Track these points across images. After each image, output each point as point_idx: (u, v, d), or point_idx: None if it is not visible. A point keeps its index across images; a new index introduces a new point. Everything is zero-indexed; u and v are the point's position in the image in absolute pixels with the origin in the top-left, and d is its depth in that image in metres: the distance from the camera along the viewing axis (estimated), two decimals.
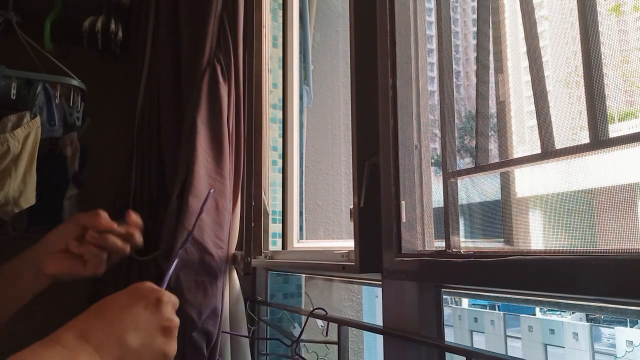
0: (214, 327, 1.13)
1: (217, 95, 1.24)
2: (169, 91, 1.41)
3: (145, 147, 1.49)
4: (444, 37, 0.83)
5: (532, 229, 0.80)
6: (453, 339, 7.82)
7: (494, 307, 10.20)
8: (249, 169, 1.33)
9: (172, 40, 1.42)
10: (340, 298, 1.72)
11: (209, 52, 1.26)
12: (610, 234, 0.58)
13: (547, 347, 9.33)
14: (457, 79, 0.86)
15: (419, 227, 0.86)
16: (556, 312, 9.05)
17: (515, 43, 0.78)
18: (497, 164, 0.75)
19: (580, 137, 0.63)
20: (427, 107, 0.90)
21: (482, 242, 0.82)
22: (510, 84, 0.78)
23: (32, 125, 1.32)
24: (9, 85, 1.35)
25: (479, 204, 0.83)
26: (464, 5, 1.36)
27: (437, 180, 0.85)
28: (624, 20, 0.88)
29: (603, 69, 0.59)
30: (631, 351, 7.17)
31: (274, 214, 1.43)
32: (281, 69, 1.51)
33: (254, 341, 1.30)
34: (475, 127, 0.77)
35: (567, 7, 1.01)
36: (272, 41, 1.49)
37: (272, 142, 1.46)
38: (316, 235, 1.71)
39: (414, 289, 0.80)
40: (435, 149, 0.90)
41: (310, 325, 1.11)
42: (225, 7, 1.29)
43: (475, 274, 0.68)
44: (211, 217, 1.17)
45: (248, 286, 1.33)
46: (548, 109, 0.67)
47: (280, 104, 1.49)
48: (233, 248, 1.27)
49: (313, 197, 1.74)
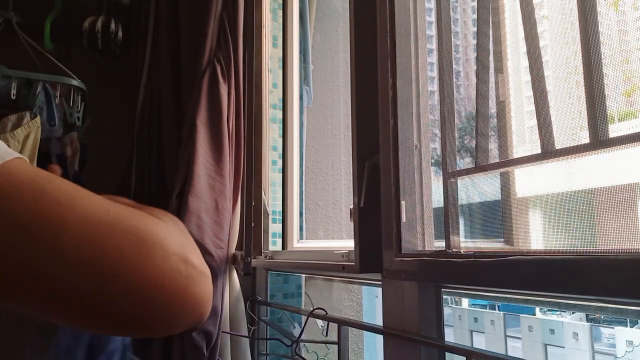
0: (214, 327, 1.13)
1: (217, 95, 1.24)
2: (169, 91, 1.41)
3: (145, 147, 1.49)
4: (444, 37, 0.83)
5: (532, 229, 0.80)
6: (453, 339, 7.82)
7: (494, 307, 10.19)
8: (249, 169, 1.33)
9: (172, 40, 1.42)
10: (340, 298, 1.72)
11: (209, 52, 1.26)
12: (610, 234, 0.58)
13: (547, 347, 9.33)
14: (457, 79, 0.86)
15: (419, 227, 0.86)
16: (556, 312, 9.04)
17: (515, 43, 0.78)
18: (497, 164, 0.74)
19: (580, 137, 0.63)
20: (427, 107, 0.90)
21: (482, 242, 0.82)
22: (510, 84, 0.78)
23: (32, 125, 1.32)
24: (9, 85, 1.36)
25: (479, 204, 0.83)
26: (464, 5, 1.36)
27: (437, 180, 0.85)
28: (624, 20, 0.88)
29: (603, 69, 0.59)
30: (631, 351, 7.17)
31: (274, 214, 1.43)
32: (281, 69, 1.51)
33: (254, 341, 1.30)
34: (475, 127, 0.77)
35: (567, 7, 1.01)
36: (272, 41, 1.49)
37: (272, 142, 1.46)
38: (316, 235, 1.71)
39: (414, 289, 0.80)
40: (435, 149, 0.90)
41: (310, 325, 1.11)
42: (225, 7, 1.29)
43: (475, 274, 0.68)
44: (211, 217, 1.17)
45: (248, 286, 1.33)
46: (548, 109, 0.67)
47: (280, 104, 1.49)
48: (233, 248, 1.27)
49: (313, 197, 1.74)
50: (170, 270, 0.39)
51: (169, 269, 0.39)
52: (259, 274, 1.37)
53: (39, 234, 0.33)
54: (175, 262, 0.39)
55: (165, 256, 0.39)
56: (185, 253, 0.41)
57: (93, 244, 0.35)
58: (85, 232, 0.35)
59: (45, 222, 0.34)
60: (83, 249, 0.35)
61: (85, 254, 0.35)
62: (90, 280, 0.35)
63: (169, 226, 0.42)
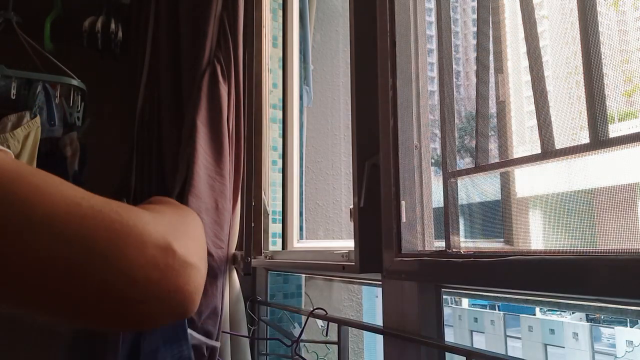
0: (214, 327, 1.13)
1: (217, 95, 1.24)
2: (169, 91, 1.41)
3: (145, 147, 1.49)
4: (444, 37, 0.83)
5: (532, 229, 0.80)
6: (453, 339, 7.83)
7: (494, 307, 10.20)
8: (249, 169, 1.33)
9: (172, 40, 1.42)
10: (340, 298, 1.72)
11: (209, 52, 1.26)
12: (610, 234, 0.58)
13: (547, 347, 9.33)
14: (457, 79, 0.86)
15: (419, 227, 0.86)
16: (556, 312, 9.05)
17: (515, 43, 0.78)
18: (497, 164, 0.74)
19: (580, 137, 0.63)
20: (427, 107, 0.90)
21: (482, 242, 0.82)
22: (510, 84, 0.78)
23: (32, 125, 1.32)
24: (9, 85, 1.36)
25: (479, 204, 0.83)
26: (464, 5, 1.36)
27: (437, 180, 0.85)
28: (624, 20, 0.88)
29: (603, 69, 0.59)
30: (631, 351, 7.17)
31: (274, 214, 1.43)
32: (281, 69, 1.51)
33: (254, 341, 1.30)
34: (475, 127, 0.77)
35: (567, 7, 1.01)
36: (272, 41, 1.49)
37: (272, 142, 1.46)
38: (316, 235, 1.71)
39: (414, 289, 0.80)
40: (435, 149, 0.90)
41: (310, 325, 1.11)
42: (225, 7, 1.29)
43: (475, 274, 0.68)
44: (211, 217, 1.17)
45: (248, 286, 1.33)
46: (548, 109, 0.67)
47: (280, 104, 1.50)
48: (233, 248, 1.27)
49: (313, 197, 1.74)
50: (145, 262, 0.37)
51: (143, 262, 0.37)
52: (259, 274, 1.37)
53: (9, 225, 0.33)
54: (151, 253, 0.37)
55: (141, 247, 0.37)
56: (168, 242, 0.39)
57: (61, 238, 0.34)
58: (52, 225, 0.34)
59: (17, 209, 0.33)
60: (51, 242, 0.34)
61: (53, 247, 0.34)
62: (56, 274, 0.34)
63: (157, 215, 0.40)
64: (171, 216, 0.43)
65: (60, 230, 0.34)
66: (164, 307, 0.39)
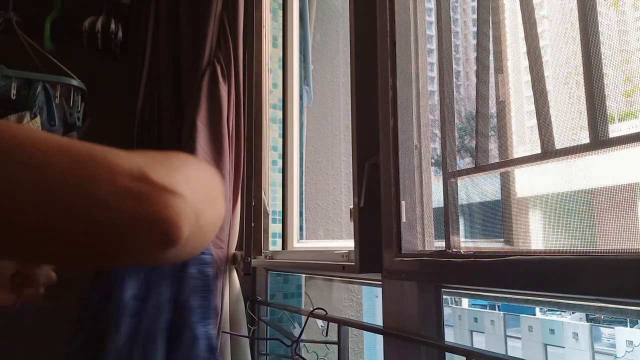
0: (214, 327, 1.13)
1: (217, 95, 1.24)
2: (169, 91, 1.41)
3: (145, 147, 1.49)
4: (444, 37, 0.83)
5: (532, 229, 0.80)
6: (453, 339, 7.82)
7: (494, 307, 10.19)
8: (249, 169, 1.33)
9: (172, 40, 1.42)
10: (340, 298, 1.72)
11: (209, 52, 1.26)
12: (610, 234, 0.58)
13: (547, 347, 9.33)
14: (457, 79, 0.86)
15: (419, 227, 0.86)
16: (556, 312, 9.05)
17: (515, 43, 0.78)
18: (497, 164, 0.75)
19: (580, 137, 0.63)
20: (427, 107, 0.90)
21: (482, 242, 0.82)
22: (510, 84, 0.78)
23: (32, 125, 1.32)
24: (9, 85, 1.36)
25: (479, 204, 0.83)
26: (464, 5, 1.36)
27: (437, 180, 0.85)
28: (624, 20, 0.88)
29: (603, 69, 0.59)
30: (631, 351, 7.17)
31: (274, 214, 1.43)
32: (281, 69, 1.51)
33: (254, 341, 1.30)
34: (475, 127, 0.77)
35: (567, 7, 1.01)
36: (272, 41, 1.49)
37: (272, 142, 1.46)
38: (316, 235, 1.71)
39: (414, 289, 0.80)
40: (435, 149, 0.90)
41: (310, 325, 1.11)
42: (225, 7, 1.29)
43: (475, 274, 0.68)
44: None
45: (248, 286, 1.33)
46: (548, 109, 0.67)
47: (280, 104, 1.50)
48: (233, 248, 1.27)
49: (313, 197, 1.73)
50: (117, 190, 0.37)
51: (114, 189, 0.37)
52: (259, 274, 1.37)
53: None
54: (123, 181, 0.38)
55: (111, 176, 0.38)
56: (142, 171, 0.39)
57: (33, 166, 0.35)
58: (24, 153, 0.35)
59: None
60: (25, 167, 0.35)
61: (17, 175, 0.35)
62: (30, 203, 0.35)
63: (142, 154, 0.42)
64: (158, 155, 0.44)
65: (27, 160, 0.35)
66: (139, 235, 0.39)
